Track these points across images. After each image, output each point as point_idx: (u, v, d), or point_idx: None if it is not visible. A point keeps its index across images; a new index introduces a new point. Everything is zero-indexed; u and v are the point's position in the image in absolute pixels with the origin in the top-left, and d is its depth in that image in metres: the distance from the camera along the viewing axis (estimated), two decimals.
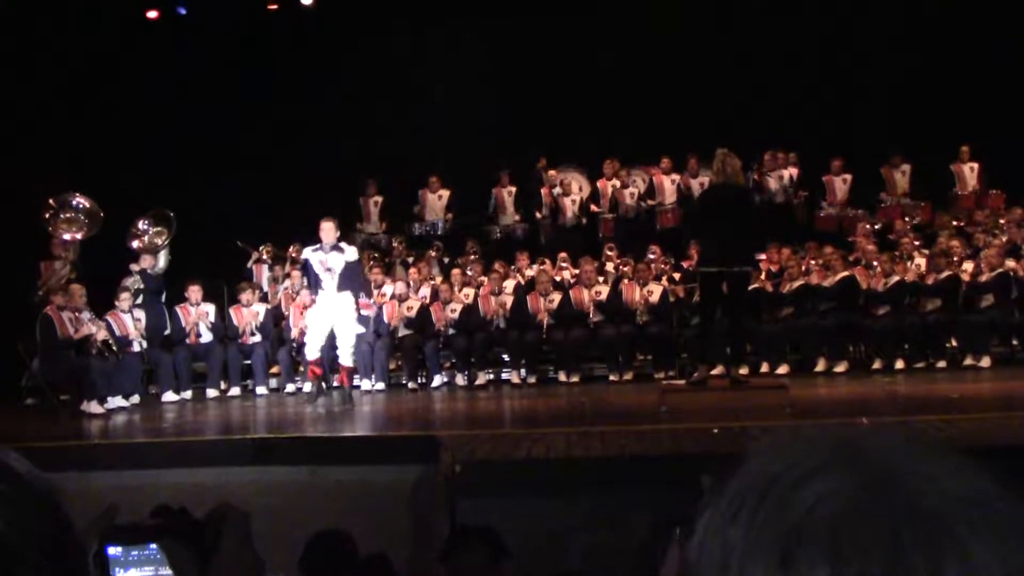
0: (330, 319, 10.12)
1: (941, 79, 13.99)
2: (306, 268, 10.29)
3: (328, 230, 9.95)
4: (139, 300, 11.88)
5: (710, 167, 9.60)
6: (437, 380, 12.00)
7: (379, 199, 14.97)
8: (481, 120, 14.72)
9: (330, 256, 9.89)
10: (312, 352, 10.33)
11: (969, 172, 14.35)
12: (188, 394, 11.67)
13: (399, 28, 14.99)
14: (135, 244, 12.18)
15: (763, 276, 12.15)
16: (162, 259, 12.31)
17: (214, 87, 14.48)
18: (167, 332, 12.06)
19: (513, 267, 13.44)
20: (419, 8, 14.84)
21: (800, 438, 0.75)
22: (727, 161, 8.64)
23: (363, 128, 14.73)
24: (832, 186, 14.49)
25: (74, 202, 12.04)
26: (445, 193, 14.92)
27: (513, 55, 15.05)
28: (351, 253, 10.16)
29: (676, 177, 14.71)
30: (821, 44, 14.63)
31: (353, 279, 10.17)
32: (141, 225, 12.30)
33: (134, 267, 12.12)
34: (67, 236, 11.92)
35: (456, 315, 12.11)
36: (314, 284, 10.22)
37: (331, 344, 10.37)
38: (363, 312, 11.00)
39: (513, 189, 14.99)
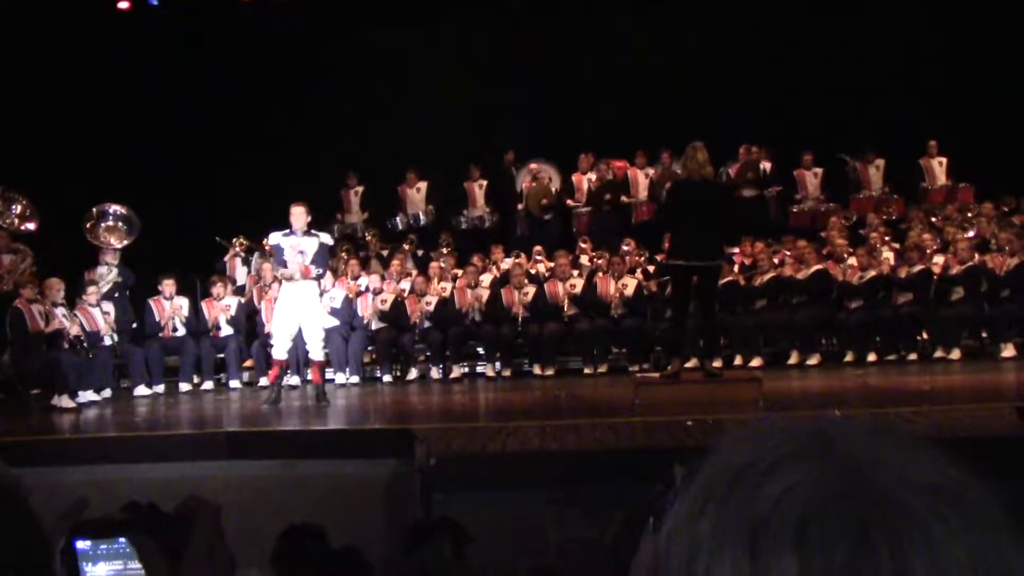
0: (297, 313, 9.74)
1: (912, 74, 14.13)
2: (277, 253, 9.85)
3: (299, 215, 9.63)
4: (116, 294, 11.80)
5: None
6: (412, 373, 11.99)
7: (359, 189, 14.96)
8: (457, 115, 14.71)
9: (303, 240, 9.61)
10: (280, 351, 9.90)
11: (938, 167, 14.50)
12: (160, 388, 11.59)
13: (380, 23, 14.93)
14: (91, 238, 11.99)
15: (736, 269, 12.21)
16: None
17: (186, 81, 14.36)
18: (134, 325, 11.96)
19: (488, 260, 13.43)
20: (402, 5, 14.83)
21: (768, 429, 0.76)
22: (691, 154, 8.60)
23: (342, 121, 14.68)
24: (803, 180, 14.59)
25: (12, 206, 11.92)
26: (423, 185, 14.91)
27: (490, 52, 15.06)
28: (326, 237, 10.01)
29: (650, 171, 14.76)
30: (796, 39, 14.70)
31: (322, 262, 9.91)
32: (109, 209, 12.10)
33: (110, 260, 12.01)
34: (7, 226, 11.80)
35: (432, 308, 12.10)
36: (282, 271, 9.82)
37: (301, 340, 10.11)
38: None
39: (484, 183, 14.99)
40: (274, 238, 9.86)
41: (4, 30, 13.21)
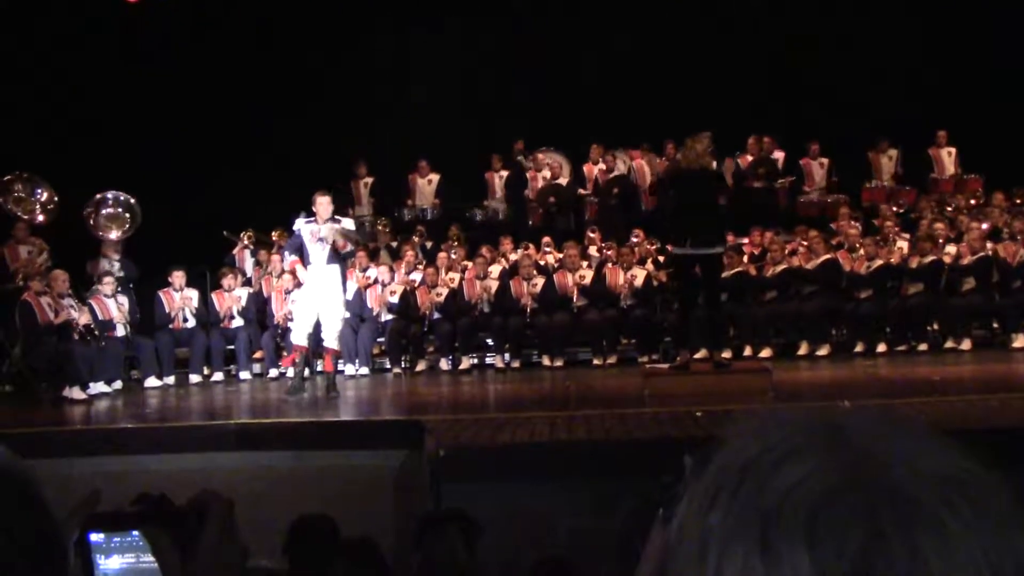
0: (317, 301, 9.70)
1: (920, 64, 14.06)
2: (294, 237, 9.79)
3: (324, 204, 9.57)
4: (119, 288, 11.82)
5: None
6: (421, 365, 12.00)
7: (369, 180, 14.98)
8: (468, 106, 14.71)
9: (323, 227, 9.54)
10: (299, 337, 9.85)
11: (947, 157, 14.44)
12: (171, 379, 11.62)
13: (386, 17, 14.93)
14: (92, 228, 12.01)
15: (746, 259, 12.19)
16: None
17: (197, 73, 14.37)
18: (138, 316, 11.99)
19: (497, 251, 13.42)
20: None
21: (778, 420, 0.75)
22: (690, 144, 8.62)
23: (350, 113, 14.68)
24: (810, 170, 14.55)
25: (36, 189, 11.93)
26: (435, 178, 14.93)
27: (495, 44, 15.05)
28: (348, 223, 9.94)
29: (657, 161, 14.76)
30: (802, 27, 14.63)
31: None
32: (109, 195, 12.10)
33: (113, 255, 12.03)
34: (25, 218, 11.81)
35: (442, 299, 12.10)
36: (303, 258, 9.72)
37: (316, 328, 10.05)
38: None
39: (504, 173, 15.01)
40: (299, 223, 9.80)
41: (7, 25, 13.22)
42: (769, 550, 0.68)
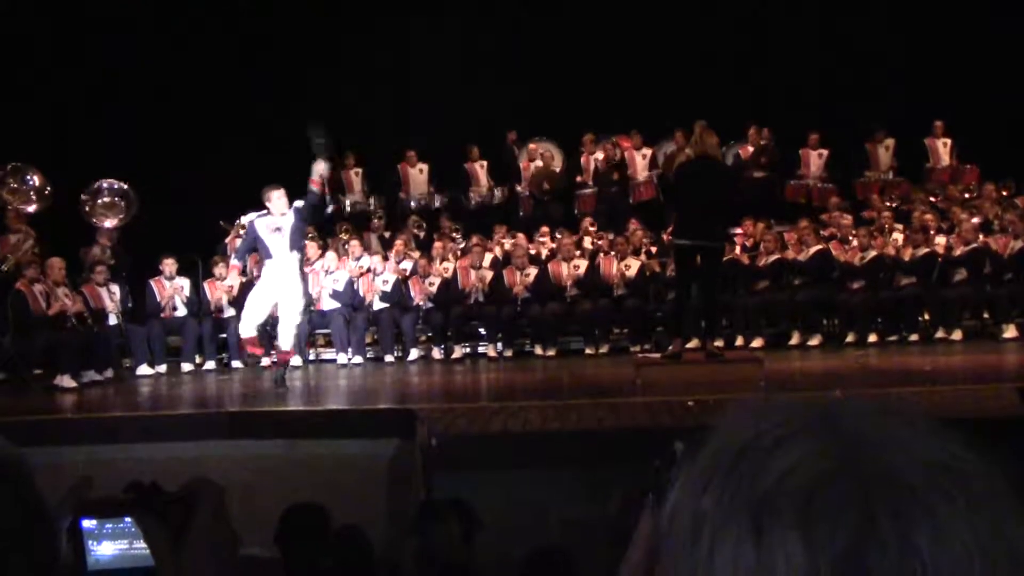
0: (275, 293, 9.34)
1: (919, 53, 14.05)
2: (246, 238, 9.46)
3: (278, 198, 9.16)
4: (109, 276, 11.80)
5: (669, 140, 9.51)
6: (414, 353, 12.00)
7: (360, 170, 14.97)
8: (456, 94, 14.67)
9: (280, 218, 9.16)
10: (247, 329, 9.47)
11: (943, 147, 14.43)
12: (163, 368, 11.60)
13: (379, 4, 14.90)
14: (89, 217, 11.94)
15: (738, 250, 12.20)
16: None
17: (188, 61, 14.31)
18: (130, 304, 11.96)
19: (491, 240, 13.40)
20: None
21: (772, 407, 0.75)
22: (699, 135, 8.56)
23: (339, 100, 14.63)
24: (807, 159, 14.53)
25: (26, 177, 11.88)
26: (425, 167, 14.90)
27: (489, 31, 15.01)
28: (299, 203, 9.26)
29: (647, 151, 14.74)
30: (803, 17, 14.61)
31: (300, 239, 9.37)
32: (104, 184, 12.03)
33: (104, 242, 11.99)
34: (20, 207, 11.75)
35: (434, 288, 12.10)
36: (262, 252, 9.40)
37: (271, 323, 9.72)
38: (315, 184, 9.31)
39: (485, 163, 14.98)
40: (250, 216, 9.48)
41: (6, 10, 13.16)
42: (762, 534, 0.68)
